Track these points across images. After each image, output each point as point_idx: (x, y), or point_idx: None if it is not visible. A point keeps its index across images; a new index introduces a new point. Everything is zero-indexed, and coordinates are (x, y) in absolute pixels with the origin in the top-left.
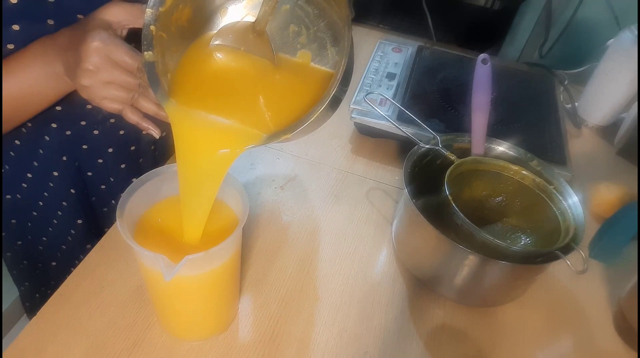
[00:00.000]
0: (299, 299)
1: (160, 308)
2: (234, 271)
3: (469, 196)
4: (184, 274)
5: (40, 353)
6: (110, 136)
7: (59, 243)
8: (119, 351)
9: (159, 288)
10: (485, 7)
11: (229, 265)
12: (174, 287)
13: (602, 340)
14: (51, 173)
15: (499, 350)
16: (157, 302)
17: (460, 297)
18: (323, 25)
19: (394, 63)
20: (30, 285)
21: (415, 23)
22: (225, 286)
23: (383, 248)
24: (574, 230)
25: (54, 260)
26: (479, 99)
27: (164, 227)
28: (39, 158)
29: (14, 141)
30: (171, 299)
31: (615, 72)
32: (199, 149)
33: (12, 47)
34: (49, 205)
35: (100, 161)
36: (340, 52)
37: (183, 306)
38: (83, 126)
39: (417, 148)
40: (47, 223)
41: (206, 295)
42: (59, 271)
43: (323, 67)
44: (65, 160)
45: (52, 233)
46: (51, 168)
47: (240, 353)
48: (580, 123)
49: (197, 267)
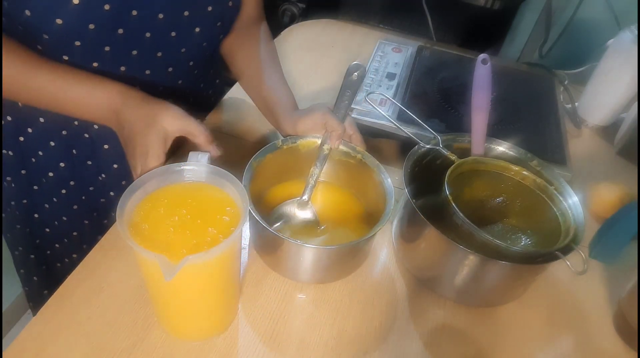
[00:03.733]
0: (299, 299)
1: (160, 308)
2: (234, 270)
3: (469, 196)
4: (184, 274)
5: (40, 354)
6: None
7: (64, 228)
8: (119, 351)
9: (159, 288)
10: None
11: (229, 264)
12: (174, 287)
13: (602, 340)
14: (48, 143)
15: (499, 350)
16: (157, 302)
17: (460, 297)
18: None
19: (394, 63)
20: (38, 281)
21: (415, 23)
22: (225, 286)
23: (383, 248)
24: (574, 230)
25: (59, 244)
26: (479, 99)
27: (163, 226)
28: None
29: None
30: (171, 299)
31: (615, 72)
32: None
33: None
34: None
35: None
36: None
37: (183, 306)
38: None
39: (418, 147)
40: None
41: (206, 295)
42: (63, 258)
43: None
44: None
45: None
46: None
47: (240, 353)
48: (580, 123)
49: (198, 267)
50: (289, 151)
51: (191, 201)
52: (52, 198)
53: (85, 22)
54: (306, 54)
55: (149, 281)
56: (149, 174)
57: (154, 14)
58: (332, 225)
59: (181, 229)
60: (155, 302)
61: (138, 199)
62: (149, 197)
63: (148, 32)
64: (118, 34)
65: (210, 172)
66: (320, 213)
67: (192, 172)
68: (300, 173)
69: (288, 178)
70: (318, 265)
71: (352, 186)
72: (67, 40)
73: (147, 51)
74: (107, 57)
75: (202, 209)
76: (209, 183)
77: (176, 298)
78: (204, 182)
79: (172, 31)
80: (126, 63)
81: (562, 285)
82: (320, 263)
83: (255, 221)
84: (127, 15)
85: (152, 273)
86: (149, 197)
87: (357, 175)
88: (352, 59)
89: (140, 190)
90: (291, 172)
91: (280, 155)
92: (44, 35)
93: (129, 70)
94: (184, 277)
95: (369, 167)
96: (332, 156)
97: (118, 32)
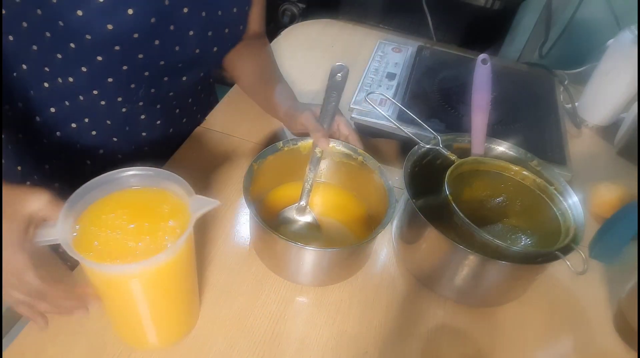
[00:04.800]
0: (299, 299)
1: (115, 319)
2: (188, 273)
3: (469, 197)
4: (134, 281)
5: (40, 354)
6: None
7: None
8: (119, 351)
9: (112, 299)
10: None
11: (182, 268)
12: (125, 296)
13: (602, 340)
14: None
15: (499, 350)
16: (111, 313)
17: (460, 297)
18: None
19: (394, 63)
20: None
21: (415, 23)
22: (179, 291)
23: (383, 248)
24: (574, 230)
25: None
26: (479, 99)
27: (109, 236)
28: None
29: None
30: (124, 308)
31: (615, 72)
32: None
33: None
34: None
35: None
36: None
37: (138, 314)
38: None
39: (418, 147)
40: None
41: (160, 302)
42: None
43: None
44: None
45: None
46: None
47: (240, 353)
48: (580, 123)
49: (148, 273)
50: (290, 152)
51: (136, 208)
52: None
53: (132, 31)
54: (306, 54)
55: (103, 295)
56: (91, 184)
57: (186, 31)
58: (333, 227)
59: (127, 237)
60: (112, 314)
61: (79, 212)
62: (92, 207)
63: (177, 46)
64: (155, 44)
65: (155, 175)
66: (321, 215)
67: (137, 177)
68: (301, 175)
69: (289, 179)
70: (319, 267)
71: (353, 187)
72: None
73: (172, 63)
74: (139, 62)
75: (150, 214)
76: (155, 186)
77: (132, 307)
78: (150, 187)
79: (197, 49)
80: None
81: (562, 285)
82: (321, 265)
83: (256, 223)
84: (164, 29)
85: (106, 287)
86: (92, 207)
87: (358, 177)
88: (353, 59)
89: (82, 201)
90: (292, 174)
91: (281, 157)
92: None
93: (150, 75)
94: (138, 284)
95: (370, 169)
96: (333, 158)
97: (155, 43)
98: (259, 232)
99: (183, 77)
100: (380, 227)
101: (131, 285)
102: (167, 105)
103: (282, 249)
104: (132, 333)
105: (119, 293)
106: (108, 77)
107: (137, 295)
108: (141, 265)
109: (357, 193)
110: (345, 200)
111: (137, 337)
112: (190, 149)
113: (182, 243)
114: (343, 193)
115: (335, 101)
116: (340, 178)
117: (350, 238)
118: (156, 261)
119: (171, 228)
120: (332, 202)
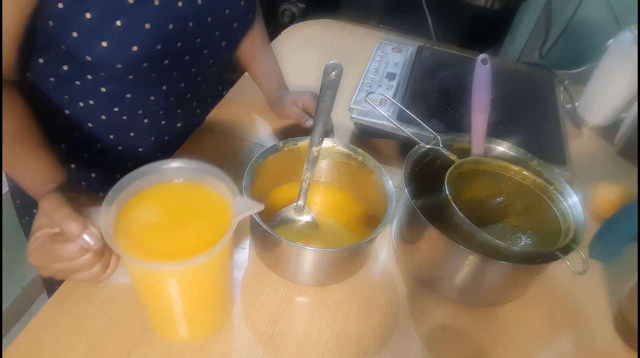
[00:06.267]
0: (299, 299)
1: (152, 313)
2: (227, 270)
3: (469, 197)
4: (175, 278)
5: (40, 354)
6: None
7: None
8: (119, 351)
9: (150, 294)
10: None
11: (222, 265)
12: (165, 292)
13: (602, 340)
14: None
15: (499, 350)
16: (148, 306)
17: (460, 297)
18: None
19: (394, 63)
20: None
21: (415, 23)
22: (218, 287)
23: (383, 248)
24: (574, 230)
25: None
26: (479, 99)
27: (151, 230)
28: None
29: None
30: (163, 303)
31: (615, 72)
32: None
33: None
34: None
35: None
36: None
37: (175, 310)
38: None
39: (417, 147)
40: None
41: (199, 297)
42: None
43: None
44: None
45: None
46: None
47: (240, 353)
48: (580, 123)
49: (191, 271)
50: (289, 152)
51: (180, 202)
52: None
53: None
54: (306, 54)
55: (139, 287)
56: (135, 174)
57: (194, 40)
58: (333, 227)
59: (170, 232)
60: (146, 306)
61: (121, 202)
62: (134, 199)
63: (187, 56)
64: (164, 64)
65: (199, 170)
66: (321, 215)
67: (179, 170)
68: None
69: (289, 179)
70: (319, 267)
71: (353, 187)
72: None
73: (184, 69)
74: (147, 72)
75: (191, 210)
76: (198, 181)
77: (167, 302)
78: (193, 181)
79: (205, 49)
80: (167, 82)
81: (562, 285)
82: (321, 265)
83: (256, 223)
84: (173, 46)
85: (142, 280)
86: (134, 199)
87: (358, 177)
88: (352, 59)
89: (125, 191)
90: (292, 173)
91: (281, 157)
92: (87, 57)
93: (169, 85)
94: (175, 281)
95: (370, 169)
96: (333, 157)
97: (164, 63)
98: (259, 232)
99: (198, 77)
100: (380, 227)
101: (168, 281)
102: (187, 107)
103: (282, 249)
104: (164, 324)
105: (155, 287)
106: (126, 94)
107: (172, 291)
108: (180, 265)
109: (357, 193)
110: (345, 200)
111: (168, 328)
112: (190, 149)
113: (222, 245)
114: (343, 193)
115: (330, 100)
116: (340, 177)
117: (350, 238)
118: (194, 262)
119: (212, 227)
120: (331, 202)
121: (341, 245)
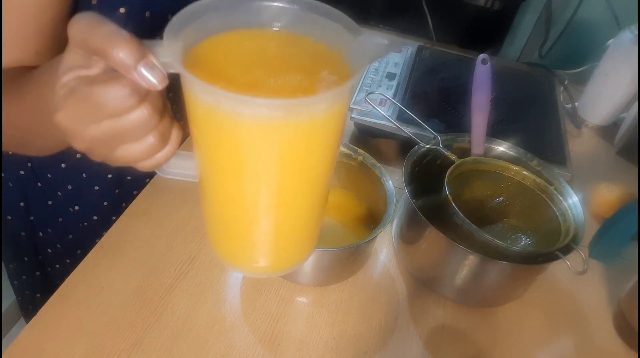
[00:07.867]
0: (299, 299)
1: (219, 208)
2: (334, 150)
3: (469, 196)
4: (265, 136)
5: (40, 353)
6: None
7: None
8: (119, 351)
9: (224, 163)
10: (485, 7)
11: (333, 135)
12: (248, 157)
13: (602, 340)
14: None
15: (499, 350)
16: (214, 194)
17: (460, 297)
18: None
19: (394, 63)
20: (30, 292)
21: (415, 23)
22: (324, 167)
23: (383, 248)
24: (574, 230)
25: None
26: (478, 99)
27: (224, 66)
28: None
29: None
30: (242, 180)
31: (615, 72)
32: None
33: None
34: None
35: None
36: None
37: (259, 197)
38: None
39: (418, 147)
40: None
41: (297, 178)
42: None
43: None
44: None
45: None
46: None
47: (240, 353)
48: (580, 123)
49: (292, 126)
50: None
51: (278, 51)
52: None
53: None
54: None
55: (219, 167)
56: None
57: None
58: (333, 227)
59: (265, 70)
60: (220, 207)
61: (191, 41)
62: (208, 42)
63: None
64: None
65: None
66: None
67: (277, 13)
68: None
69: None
70: (319, 267)
71: (353, 187)
72: None
73: None
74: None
75: (293, 60)
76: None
77: (247, 182)
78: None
79: None
80: None
81: (562, 285)
82: (321, 265)
83: None
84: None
85: (225, 148)
86: (207, 42)
87: (358, 177)
88: None
89: (192, 29)
90: None
91: None
92: None
93: None
94: (270, 143)
95: (370, 169)
96: None
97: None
98: None
99: None
100: (380, 227)
101: (266, 142)
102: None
103: None
104: (244, 234)
105: (249, 154)
106: None
107: (269, 162)
108: (294, 103)
109: (357, 193)
110: (345, 200)
111: (247, 241)
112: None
113: (348, 88)
114: (343, 193)
115: None
116: (340, 177)
117: (350, 238)
118: (313, 105)
119: (326, 77)
120: (331, 202)
121: (341, 245)
